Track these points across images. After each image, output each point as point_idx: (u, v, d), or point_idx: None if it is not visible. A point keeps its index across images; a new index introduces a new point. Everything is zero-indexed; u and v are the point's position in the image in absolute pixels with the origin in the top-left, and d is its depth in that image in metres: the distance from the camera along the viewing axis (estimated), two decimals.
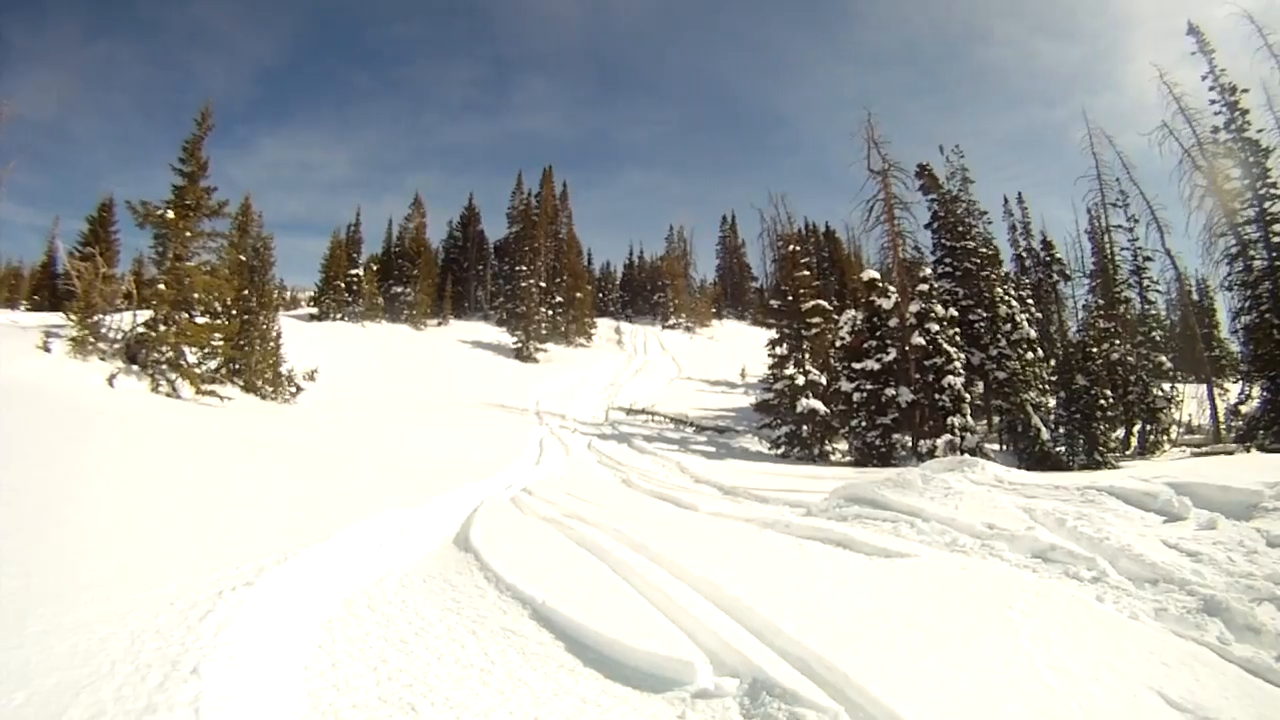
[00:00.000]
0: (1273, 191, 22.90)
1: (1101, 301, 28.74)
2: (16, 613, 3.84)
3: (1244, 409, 23.94)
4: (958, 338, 23.18)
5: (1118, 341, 23.89)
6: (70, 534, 5.69)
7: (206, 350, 21.82)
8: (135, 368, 19.26)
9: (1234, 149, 24.10)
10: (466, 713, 3.53)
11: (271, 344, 26.45)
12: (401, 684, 3.85)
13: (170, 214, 20.89)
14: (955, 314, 23.88)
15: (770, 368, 26.46)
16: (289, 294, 60.27)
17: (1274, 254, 22.55)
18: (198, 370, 21.09)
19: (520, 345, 48.63)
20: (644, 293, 71.86)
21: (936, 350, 21.91)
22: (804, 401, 23.72)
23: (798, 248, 29.96)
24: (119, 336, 19.95)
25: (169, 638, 3.60)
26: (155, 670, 3.17)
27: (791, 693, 3.50)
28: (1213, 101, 24.80)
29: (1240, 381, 26.12)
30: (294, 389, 26.71)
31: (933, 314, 22.42)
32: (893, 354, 22.72)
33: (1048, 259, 34.98)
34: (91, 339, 19.11)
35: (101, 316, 20.11)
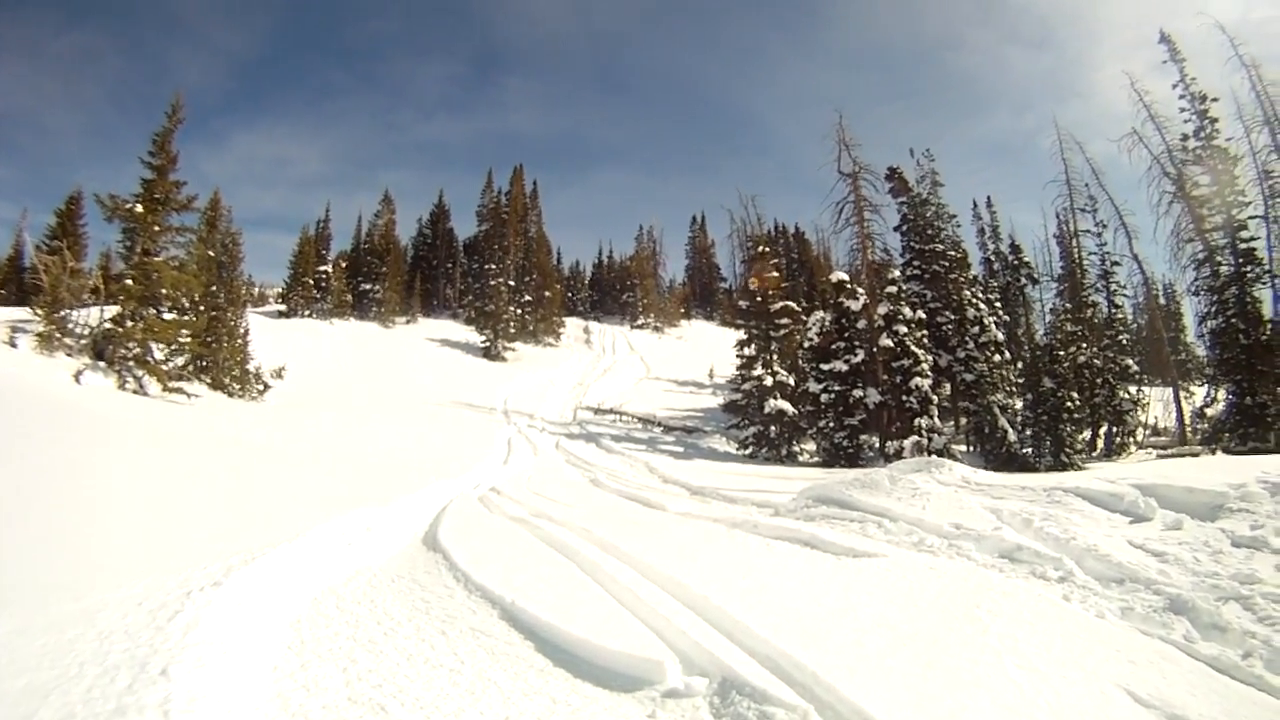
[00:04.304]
0: (1240, 199, 23.27)
1: (1069, 305, 28.95)
2: None
3: (1209, 412, 24.29)
4: (926, 339, 23.39)
5: (1085, 344, 24.06)
6: (37, 533, 5.61)
7: (174, 347, 21.62)
8: (102, 364, 18.97)
9: (1203, 156, 24.40)
10: (437, 713, 3.53)
11: (239, 341, 26.31)
12: (371, 684, 3.84)
13: (139, 208, 20.64)
14: (923, 316, 24.11)
15: (738, 368, 26.38)
16: (257, 290, 59.60)
17: (1240, 260, 22.89)
18: (165, 367, 20.86)
19: (489, 344, 48.24)
20: (613, 292, 71.30)
21: (904, 352, 22.09)
22: (772, 402, 23.75)
23: (767, 248, 30.06)
24: (86, 332, 19.65)
25: (138, 638, 3.57)
26: (124, 672, 3.15)
27: (761, 691, 3.52)
28: (1182, 110, 25.12)
29: (1206, 385, 26.48)
30: (262, 386, 26.52)
31: (901, 316, 22.61)
32: (861, 355, 22.86)
33: (1016, 262, 35.29)
34: (58, 334, 18.83)
35: (68, 311, 19.81)
